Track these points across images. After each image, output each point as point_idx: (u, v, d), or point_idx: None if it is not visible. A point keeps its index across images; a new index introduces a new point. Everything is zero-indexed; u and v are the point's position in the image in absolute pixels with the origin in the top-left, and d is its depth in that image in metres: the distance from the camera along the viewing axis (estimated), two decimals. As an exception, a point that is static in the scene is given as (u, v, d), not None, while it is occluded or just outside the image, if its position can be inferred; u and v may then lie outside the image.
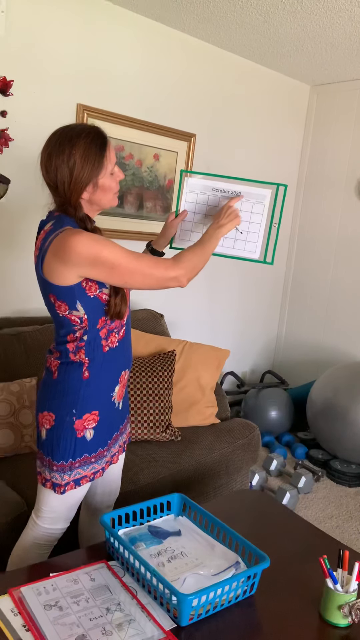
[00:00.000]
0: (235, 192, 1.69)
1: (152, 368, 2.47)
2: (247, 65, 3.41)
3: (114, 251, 1.34)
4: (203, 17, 2.79)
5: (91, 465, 1.50)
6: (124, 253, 1.36)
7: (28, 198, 2.60)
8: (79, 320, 1.40)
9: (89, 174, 1.38)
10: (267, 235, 1.72)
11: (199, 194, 1.71)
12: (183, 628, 1.21)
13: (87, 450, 1.48)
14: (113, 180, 1.44)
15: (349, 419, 3.08)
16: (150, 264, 1.40)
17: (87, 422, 1.47)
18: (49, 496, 1.51)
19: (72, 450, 1.46)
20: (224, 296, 3.76)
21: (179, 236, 1.74)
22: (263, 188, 1.67)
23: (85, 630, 1.17)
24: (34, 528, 1.56)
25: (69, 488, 1.48)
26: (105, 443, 1.53)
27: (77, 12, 2.61)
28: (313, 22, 2.72)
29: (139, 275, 1.38)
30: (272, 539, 1.59)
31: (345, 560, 1.32)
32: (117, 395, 1.54)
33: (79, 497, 1.55)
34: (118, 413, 1.58)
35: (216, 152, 3.41)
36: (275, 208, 1.68)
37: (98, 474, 1.53)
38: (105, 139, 1.41)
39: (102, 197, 1.43)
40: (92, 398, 1.46)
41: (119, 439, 1.63)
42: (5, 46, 2.42)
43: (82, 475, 1.49)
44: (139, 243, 3.07)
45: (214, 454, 2.44)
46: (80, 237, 1.32)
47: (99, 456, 1.52)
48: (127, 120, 2.90)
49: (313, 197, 3.92)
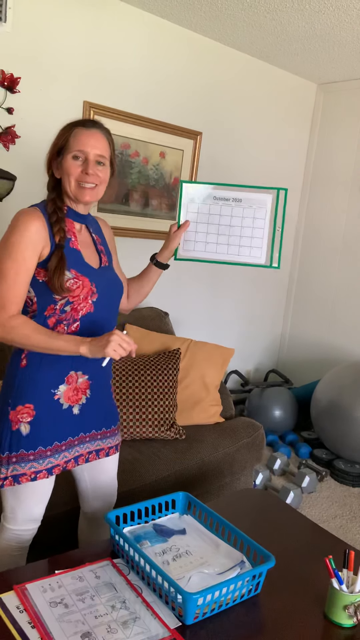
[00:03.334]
0: (236, 199, 1.69)
1: (156, 366, 2.47)
2: (254, 64, 3.40)
3: (10, 250, 1.37)
4: (210, 14, 2.78)
5: (30, 463, 1.44)
6: (10, 263, 1.36)
7: (34, 195, 2.58)
8: (30, 302, 1.44)
9: (55, 142, 1.46)
10: (271, 240, 1.71)
11: (200, 203, 1.71)
12: (188, 626, 1.21)
13: (23, 446, 1.44)
14: (74, 166, 1.43)
15: (353, 419, 3.08)
16: (1, 296, 1.36)
17: (20, 414, 1.44)
18: (3, 493, 1.50)
19: (7, 442, 1.44)
20: (228, 295, 3.76)
21: (183, 247, 1.73)
22: (264, 193, 1.68)
23: (90, 627, 1.17)
24: (3, 530, 1.55)
25: (7, 483, 1.44)
26: (49, 443, 1.47)
27: (84, 9, 2.61)
28: (320, 20, 2.71)
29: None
30: (276, 538, 1.59)
31: (350, 560, 1.32)
32: (64, 397, 1.48)
33: (36, 499, 1.50)
34: (73, 419, 1.52)
35: (222, 150, 3.40)
36: (277, 212, 1.68)
37: (41, 475, 1.46)
38: (83, 121, 1.46)
39: (64, 180, 1.45)
40: (27, 389, 1.44)
41: (78, 446, 1.56)
42: (12, 43, 2.42)
43: (20, 472, 1.44)
44: (144, 241, 3.07)
45: (218, 453, 2.44)
46: (20, 215, 1.40)
47: (40, 455, 1.45)
48: (134, 118, 2.90)
49: (318, 196, 3.91)
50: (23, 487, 1.47)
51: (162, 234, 3.18)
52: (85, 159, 1.43)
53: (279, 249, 1.71)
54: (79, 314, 1.45)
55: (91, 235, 1.57)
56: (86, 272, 1.46)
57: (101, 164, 1.45)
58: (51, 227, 1.42)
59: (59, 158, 1.46)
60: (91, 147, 1.42)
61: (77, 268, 1.44)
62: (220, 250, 1.72)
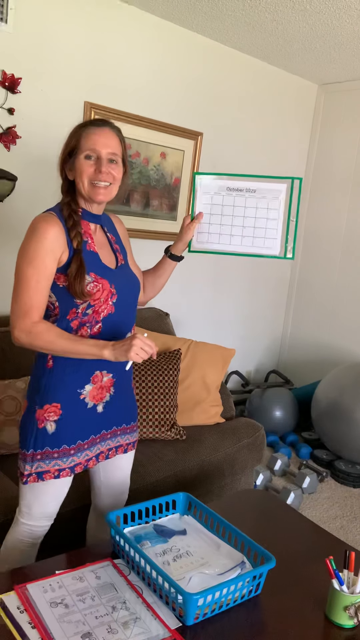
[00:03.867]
0: (250, 189, 1.67)
1: (157, 366, 2.47)
2: (255, 64, 3.40)
3: (31, 258, 1.38)
4: (211, 15, 2.78)
5: (54, 461, 1.47)
6: (34, 273, 1.38)
7: (35, 195, 2.60)
8: (52, 307, 1.45)
9: (67, 143, 1.46)
10: (285, 230, 1.70)
11: (213, 194, 1.69)
12: (188, 627, 1.21)
13: (48, 444, 1.47)
14: (87, 165, 1.43)
15: (353, 420, 3.07)
16: (24, 302, 1.38)
17: (47, 413, 1.46)
18: (22, 489, 1.53)
19: (33, 439, 1.46)
20: (229, 295, 3.76)
21: (197, 239, 1.73)
22: (278, 183, 1.66)
23: (91, 628, 1.17)
24: (16, 524, 1.58)
25: (31, 480, 1.47)
26: (72, 442, 1.49)
27: (86, 9, 2.61)
28: (321, 21, 2.71)
29: (14, 293, 1.41)
30: (277, 539, 1.59)
31: (351, 561, 1.32)
32: (89, 396, 1.51)
33: (53, 496, 1.53)
34: (97, 417, 1.54)
35: (223, 151, 3.40)
36: (291, 202, 1.66)
37: (64, 473, 1.49)
38: (93, 120, 1.47)
39: (77, 180, 1.45)
40: (54, 389, 1.46)
41: (100, 444, 1.59)
42: (14, 43, 2.42)
43: (44, 469, 1.47)
44: (145, 241, 3.07)
45: (219, 453, 2.44)
46: (34, 222, 1.41)
47: (64, 454, 1.48)
48: (134, 119, 2.90)
49: (319, 196, 3.91)
50: (42, 483, 1.49)
51: (163, 235, 3.18)
52: (98, 157, 1.43)
53: (293, 239, 1.68)
54: (100, 316, 1.47)
55: (106, 234, 1.58)
56: (105, 274, 1.47)
57: (114, 161, 1.46)
58: (68, 232, 1.43)
59: (70, 160, 1.46)
60: (103, 145, 1.43)
61: (96, 271, 1.45)
62: (234, 241, 1.71)
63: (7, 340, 2.33)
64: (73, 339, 1.40)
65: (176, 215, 3.25)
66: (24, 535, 1.57)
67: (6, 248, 2.60)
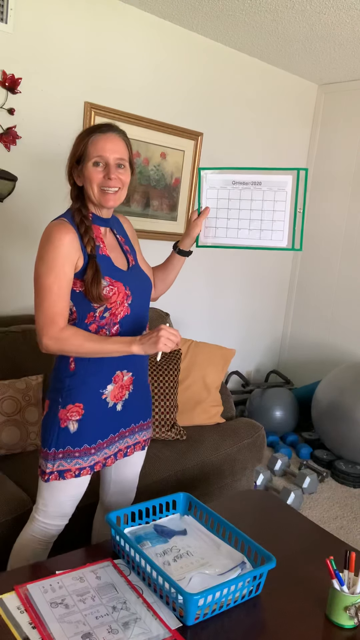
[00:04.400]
0: (256, 182, 1.67)
1: (157, 367, 2.47)
2: (255, 64, 3.40)
3: (50, 266, 1.39)
4: (211, 15, 2.78)
5: (75, 459, 1.50)
6: (55, 281, 1.39)
7: (35, 195, 2.60)
8: (70, 312, 1.46)
9: (74, 151, 1.47)
10: (292, 221, 1.69)
11: (219, 189, 1.69)
12: (189, 627, 1.21)
13: (70, 443, 1.49)
14: (95, 172, 1.44)
15: (354, 420, 3.07)
16: (48, 310, 1.40)
17: (70, 413, 1.48)
18: (41, 486, 1.54)
19: (55, 439, 1.48)
20: (229, 295, 3.76)
21: (204, 234, 1.73)
22: (284, 174, 1.65)
23: (91, 628, 1.17)
24: (32, 521, 1.59)
25: (52, 478, 1.49)
26: (93, 441, 1.52)
27: (86, 9, 2.61)
28: (321, 21, 2.71)
29: (37, 303, 1.42)
30: (277, 539, 1.59)
31: (351, 561, 1.32)
32: (110, 395, 1.53)
33: (70, 494, 1.54)
34: (116, 415, 1.57)
35: (223, 151, 3.40)
36: (297, 193, 1.66)
37: (84, 471, 1.52)
38: (99, 126, 1.47)
39: (87, 187, 1.46)
40: (77, 390, 1.48)
41: (118, 442, 1.61)
42: (14, 43, 2.42)
43: (65, 468, 1.49)
44: (145, 241, 3.07)
45: (219, 454, 2.44)
46: (51, 229, 1.42)
47: (85, 452, 1.51)
48: (134, 119, 2.90)
49: (319, 196, 3.91)
50: (62, 482, 1.51)
51: (163, 235, 3.18)
52: (106, 164, 1.44)
53: (300, 230, 1.68)
54: (117, 318, 1.49)
55: (116, 236, 1.59)
56: (119, 276, 1.49)
57: (122, 166, 1.47)
58: (81, 238, 1.44)
59: (79, 167, 1.46)
60: (110, 151, 1.44)
61: (111, 274, 1.47)
62: (241, 235, 1.71)
63: (8, 340, 2.33)
64: (100, 340, 1.43)
65: (176, 216, 3.25)
66: (38, 533, 1.58)
67: (6, 248, 2.60)
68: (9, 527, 1.75)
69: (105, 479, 1.74)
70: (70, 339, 1.41)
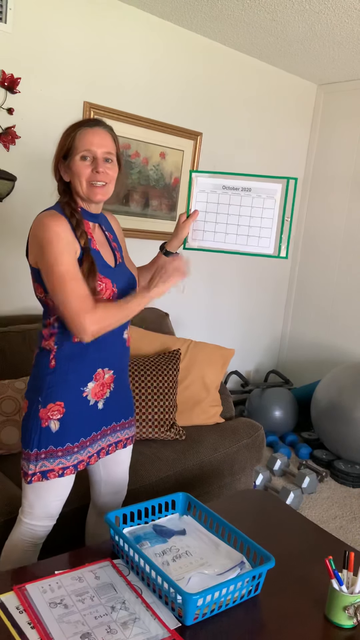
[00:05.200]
0: (246, 188, 1.68)
1: (156, 367, 2.47)
2: (254, 64, 3.40)
3: (62, 253, 1.36)
4: (211, 15, 2.78)
5: (58, 459, 1.48)
6: (68, 264, 1.36)
7: (34, 195, 2.60)
8: (52, 305, 1.44)
9: (60, 146, 1.46)
10: (280, 229, 1.71)
11: (209, 193, 1.70)
12: (188, 627, 1.21)
13: (52, 442, 1.47)
14: (83, 167, 1.43)
15: (353, 420, 3.07)
16: (76, 294, 1.35)
17: (51, 412, 1.46)
18: (25, 488, 1.53)
19: (37, 439, 1.47)
20: (228, 295, 3.76)
21: (192, 236, 1.73)
22: (273, 183, 1.66)
23: (90, 628, 1.17)
24: (19, 523, 1.58)
25: (35, 479, 1.48)
26: (76, 439, 1.51)
27: (85, 9, 2.61)
28: (320, 20, 2.71)
29: (60, 295, 1.36)
30: (276, 539, 1.59)
31: (350, 561, 1.32)
32: (91, 393, 1.52)
33: (55, 494, 1.53)
34: (98, 413, 1.55)
35: (222, 151, 3.40)
36: (286, 202, 1.67)
37: (68, 471, 1.50)
38: (86, 121, 1.47)
39: (74, 182, 1.45)
40: (57, 388, 1.47)
41: (100, 440, 1.60)
42: (12, 43, 2.42)
43: (48, 468, 1.48)
44: (145, 241, 3.07)
45: (218, 453, 2.44)
46: (45, 220, 1.39)
47: (68, 452, 1.49)
48: (134, 119, 2.90)
49: (319, 196, 3.91)
50: (46, 482, 1.50)
51: (163, 235, 3.18)
52: (94, 157, 1.44)
53: (287, 239, 1.69)
54: None
55: (104, 233, 1.59)
56: (107, 273, 1.49)
57: (109, 160, 1.46)
58: (74, 230, 1.43)
59: (66, 161, 1.46)
60: (97, 145, 1.43)
61: (100, 270, 1.46)
62: (228, 240, 1.71)
63: (7, 340, 2.33)
64: (123, 304, 1.44)
65: (176, 215, 3.25)
66: (26, 535, 1.57)
67: (5, 247, 2.60)
68: (8, 527, 1.75)
69: (94, 479, 1.73)
70: (106, 316, 1.39)
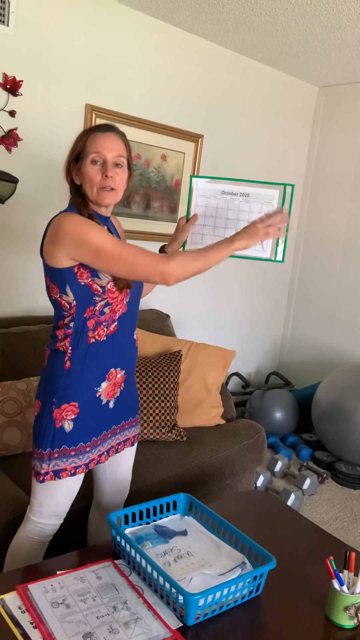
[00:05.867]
0: (244, 194, 1.70)
1: (158, 368, 2.48)
2: (255, 67, 3.41)
3: (100, 234, 1.38)
4: (211, 18, 2.79)
5: (71, 458, 1.50)
6: (111, 239, 1.39)
7: (36, 197, 2.61)
8: (68, 306, 1.46)
9: (72, 149, 1.48)
10: None
11: (208, 197, 1.73)
12: (189, 627, 1.21)
13: (65, 442, 1.49)
14: (93, 171, 1.45)
15: (354, 421, 3.08)
16: (137, 252, 1.39)
17: (65, 412, 1.48)
18: (35, 486, 1.54)
19: (50, 439, 1.48)
20: (229, 297, 3.76)
21: (191, 240, 1.76)
22: (271, 189, 1.69)
23: (92, 628, 1.18)
24: (26, 521, 1.59)
25: (48, 478, 1.49)
26: (88, 439, 1.52)
27: (86, 12, 2.62)
28: (321, 23, 2.72)
29: (123, 262, 1.39)
30: (277, 540, 1.60)
31: (351, 561, 1.32)
32: (104, 393, 1.54)
33: (65, 493, 1.54)
34: (109, 412, 1.58)
35: (223, 153, 3.41)
36: (283, 208, 1.70)
37: (80, 470, 1.52)
38: (98, 126, 1.49)
39: (85, 186, 1.47)
40: (72, 389, 1.48)
41: (110, 439, 1.62)
42: (14, 46, 2.43)
43: (61, 467, 1.49)
44: (146, 243, 3.07)
45: (219, 455, 2.45)
46: (71, 217, 1.40)
47: (80, 451, 1.51)
48: (135, 121, 2.91)
49: (320, 198, 3.91)
50: (56, 482, 1.51)
51: (164, 237, 3.18)
52: (104, 161, 1.45)
53: (283, 243, 1.72)
54: (116, 315, 1.51)
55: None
56: None
57: (119, 165, 1.48)
58: None
59: (77, 165, 1.48)
60: (108, 149, 1.45)
61: None
62: None
63: (8, 341, 2.34)
64: (203, 252, 1.46)
65: (177, 217, 3.26)
66: (34, 533, 1.58)
67: (7, 249, 2.61)
68: (10, 527, 1.75)
69: (99, 477, 1.75)
70: (185, 260, 1.41)
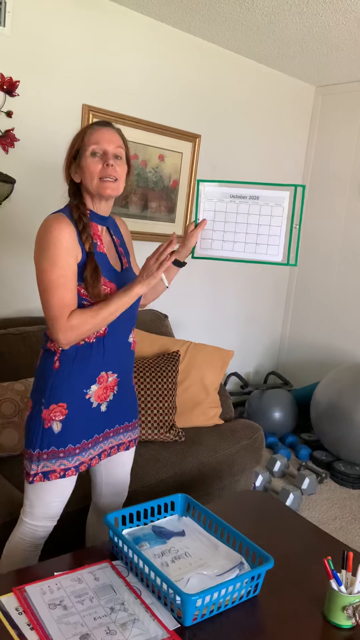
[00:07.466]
0: (253, 197, 1.69)
1: (156, 368, 2.48)
2: (252, 66, 3.41)
3: (57, 260, 1.38)
4: (208, 17, 2.79)
5: (59, 460, 1.49)
6: (62, 269, 1.38)
7: (33, 198, 2.61)
8: None
9: (71, 147, 1.48)
10: (288, 237, 1.71)
11: (217, 201, 1.71)
12: (187, 628, 1.21)
13: (54, 443, 1.48)
14: (93, 163, 1.45)
15: (353, 421, 3.08)
16: (58, 304, 1.39)
17: (54, 413, 1.47)
18: (26, 488, 1.54)
19: (39, 439, 1.48)
20: (228, 297, 3.76)
21: (200, 245, 1.74)
22: (281, 190, 1.67)
23: (89, 629, 1.17)
24: (20, 523, 1.59)
25: (37, 479, 1.48)
26: (77, 441, 1.51)
27: (83, 13, 2.62)
28: (318, 23, 2.72)
29: (44, 299, 1.41)
30: (275, 540, 1.59)
31: (349, 561, 1.32)
32: (94, 396, 1.53)
33: (56, 495, 1.54)
34: (101, 416, 1.56)
35: (221, 153, 3.41)
36: (294, 209, 1.68)
37: (70, 472, 1.51)
38: (96, 122, 1.50)
39: (85, 179, 1.46)
40: (60, 389, 1.48)
41: (103, 443, 1.61)
42: (11, 46, 2.43)
43: (50, 469, 1.48)
44: (143, 243, 3.07)
45: (218, 455, 2.44)
46: (49, 223, 1.41)
47: (69, 453, 1.50)
48: (132, 121, 2.91)
49: (318, 198, 3.91)
50: (47, 483, 1.51)
51: (162, 237, 3.18)
52: (104, 153, 1.45)
53: (296, 246, 1.70)
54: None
55: (112, 237, 1.59)
56: (112, 277, 1.50)
57: (119, 157, 1.48)
58: (79, 234, 1.44)
59: (76, 161, 1.48)
60: (107, 141, 1.45)
61: (105, 274, 1.47)
62: (237, 248, 1.72)
63: (6, 342, 2.34)
64: (103, 306, 1.43)
65: (174, 218, 3.26)
66: (27, 535, 1.58)
67: (4, 250, 2.61)
68: (8, 529, 1.75)
69: (96, 480, 1.74)
70: (82, 323, 1.40)
